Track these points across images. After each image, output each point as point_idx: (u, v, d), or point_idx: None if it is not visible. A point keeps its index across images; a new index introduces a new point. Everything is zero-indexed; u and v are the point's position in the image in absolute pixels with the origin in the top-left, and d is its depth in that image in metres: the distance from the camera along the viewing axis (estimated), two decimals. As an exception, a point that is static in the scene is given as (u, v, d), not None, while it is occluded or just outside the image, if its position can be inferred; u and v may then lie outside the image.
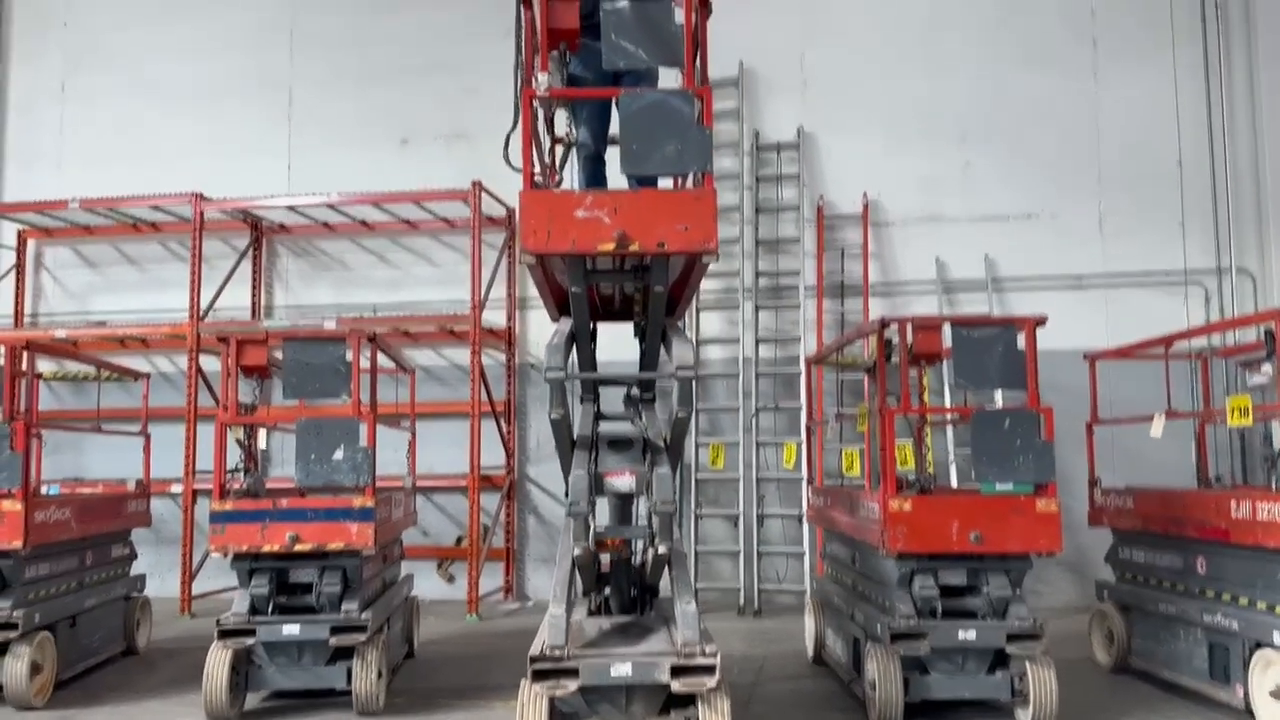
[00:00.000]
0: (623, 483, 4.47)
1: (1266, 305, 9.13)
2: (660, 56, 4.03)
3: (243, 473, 6.30)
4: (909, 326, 5.80)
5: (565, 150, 5.15)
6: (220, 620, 5.53)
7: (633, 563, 4.99)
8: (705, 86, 4.14)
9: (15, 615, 5.69)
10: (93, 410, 8.22)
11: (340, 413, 5.97)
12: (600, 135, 5.02)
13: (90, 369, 7.74)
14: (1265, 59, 9.43)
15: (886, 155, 9.72)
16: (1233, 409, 5.64)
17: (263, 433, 6.87)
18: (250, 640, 5.50)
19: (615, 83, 4.50)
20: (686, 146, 3.87)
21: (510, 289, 10.00)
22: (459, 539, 9.74)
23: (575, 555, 4.37)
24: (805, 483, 8.79)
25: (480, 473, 9.01)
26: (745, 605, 9.04)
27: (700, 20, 4.28)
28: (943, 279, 9.54)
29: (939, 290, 9.51)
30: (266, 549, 5.56)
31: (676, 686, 4.08)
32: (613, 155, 4.55)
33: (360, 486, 5.67)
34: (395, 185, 9.48)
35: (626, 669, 4.10)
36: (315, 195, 9.47)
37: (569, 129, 5.02)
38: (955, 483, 8.83)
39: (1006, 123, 9.66)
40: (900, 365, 5.79)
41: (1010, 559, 5.26)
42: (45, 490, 7.38)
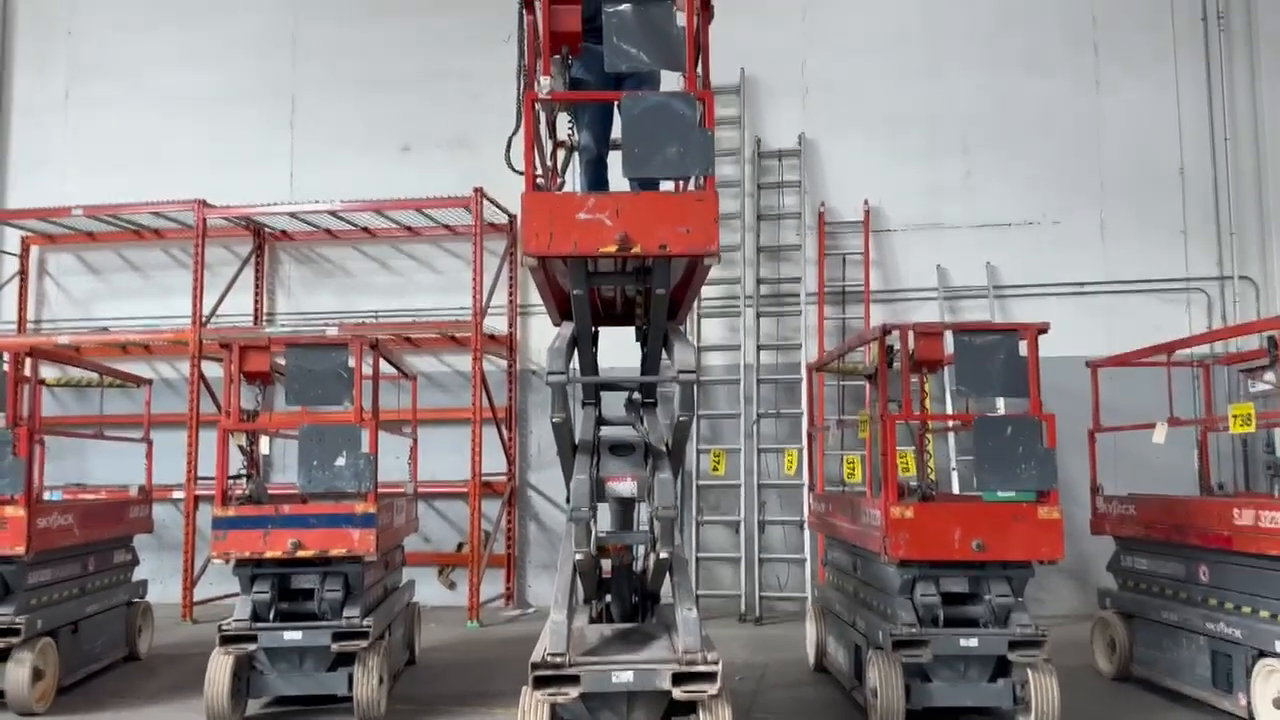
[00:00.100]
0: (624, 488, 4.47)
1: (1268, 313, 9.12)
2: (662, 60, 4.04)
3: (245, 479, 6.30)
4: (911, 333, 5.80)
5: (567, 154, 5.16)
6: (222, 626, 5.53)
7: (634, 569, 4.99)
8: (707, 89, 4.15)
9: (18, 621, 5.69)
10: (95, 416, 8.24)
11: (342, 419, 5.98)
12: (602, 138, 5.03)
13: (93, 375, 7.77)
14: (1267, 66, 9.44)
15: (888, 162, 9.73)
16: (1235, 416, 5.64)
17: (265, 439, 6.87)
18: (252, 646, 5.50)
19: (617, 86, 4.52)
20: (688, 149, 3.87)
21: (512, 295, 10.02)
22: (460, 545, 9.74)
23: (577, 560, 4.38)
24: (806, 489, 8.79)
25: (481, 479, 9.02)
26: (746, 612, 9.03)
27: (702, 23, 4.29)
28: (944, 286, 9.55)
29: (940, 297, 9.52)
30: (269, 555, 5.56)
31: (678, 694, 4.08)
32: (615, 159, 4.56)
33: (362, 493, 5.67)
34: (397, 192, 9.50)
35: (628, 676, 4.10)
36: (318, 202, 9.50)
37: (571, 132, 5.03)
38: (957, 490, 8.82)
39: (1008, 130, 9.67)
40: (902, 372, 5.78)
41: (1012, 566, 5.25)
42: (48, 496, 7.40)
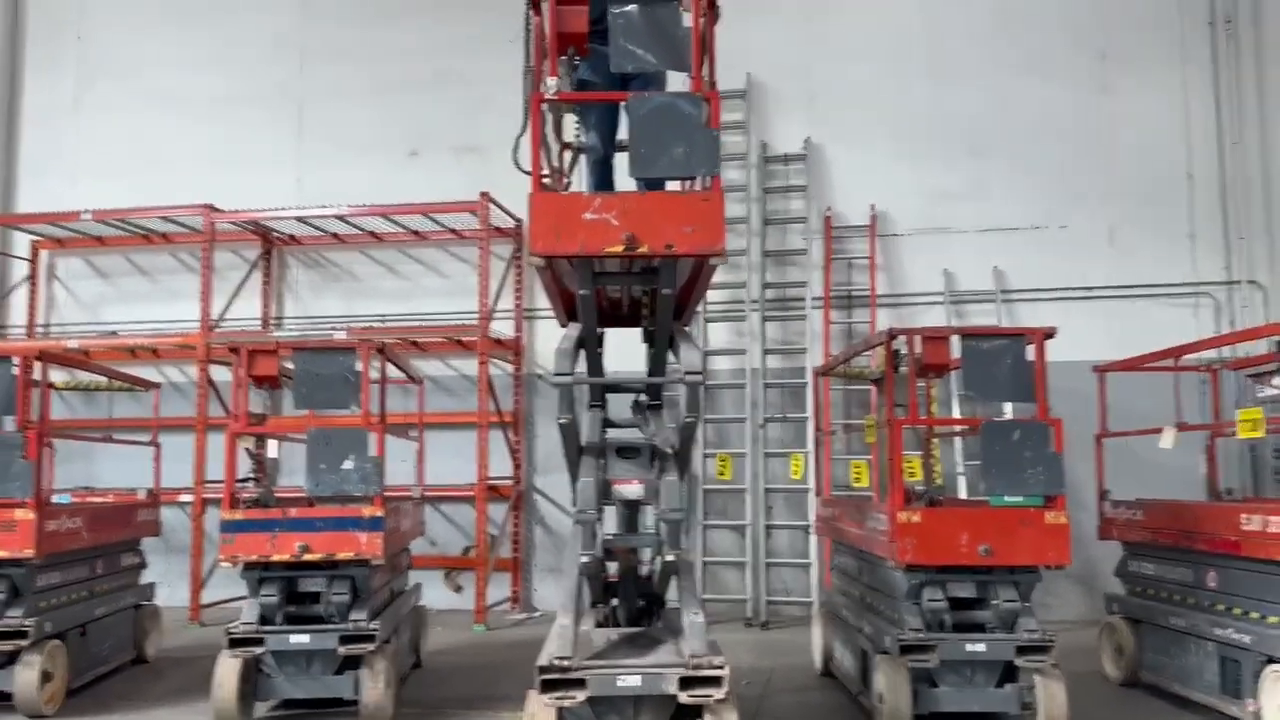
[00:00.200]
0: (631, 490, 4.47)
1: (1276, 317, 9.08)
2: (668, 60, 4.05)
3: (253, 482, 6.31)
4: (917, 338, 5.80)
5: (574, 155, 5.17)
6: (230, 629, 5.54)
7: (640, 572, 4.99)
8: (713, 90, 4.16)
9: (26, 624, 5.72)
10: (104, 420, 8.27)
11: (349, 423, 5.99)
12: (608, 139, 5.04)
13: (101, 379, 7.78)
14: (1274, 71, 9.41)
15: (894, 167, 9.73)
16: (1243, 421, 5.62)
17: (272, 442, 6.89)
18: (259, 649, 5.51)
19: (623, 87, 4.53)
20: (694, 149, 3.88)
21: (518, 300, 10.04)
22: (466, 549, 9.75)
23: (583, 563, 4.38)
24: (813, 494, 8.79)
25: (488, 483, 9.04)
26: (753, 617, 9.01)
27: (708, 24, 4.30)
28: (950, 290, 9.54)
29: (947, 301, 9.51)
30: (276, 558, 5.57)
31: (684, 698, 4.08)
32: (621, 159, 4.57)
33: (369, 496, 5.68)
34: (404, 197, 9.52)
35: (634, 680, 4.10)
36: (325, 207, 9.53)
37: (577, 134, 5.05)
38: (964, 495, 8.80)
39: (1014, 134, 9.66)
40: (908, 376, 5.78)
41: (1019, 571, 5.23)
42: (56, 499, 7.42)
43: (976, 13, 9.83)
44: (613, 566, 4.91)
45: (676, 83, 4.66)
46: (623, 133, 4.70)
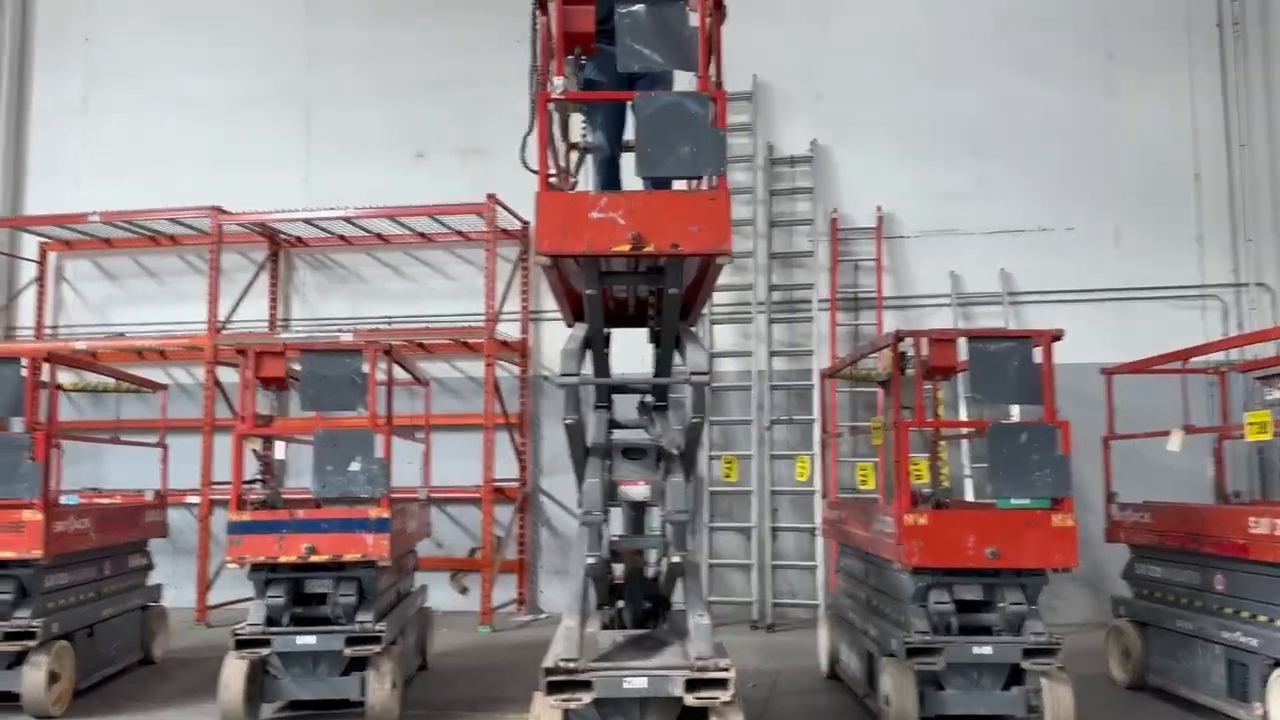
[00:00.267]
0: (637, 492, 4.46)
1: (1285, 320, 9.08)
2: (675, 60, 4.06)
3: (260, 484, 6.33)
4: (924, 340, 5.79)
5: (580, 155, 5.18)
6: (236, 630, 5.55)
7: (646, 574, 5.00)
8: (720, 90, 4.17)
9: (34, 624, 5.74)
10: (111, 421, 8.29)
11: (356, 424, 6.00)
12: (615, 138, 5.05)
13: (109, 380, 7.81)
14: (1282, 72, 9.41)
15: (901, 168, 9.72)
16: (1251, 424, 5.60)
17: (279, 444, 6.90)
18: (266, 651, 5.52)
19: (630, 86, 4.54)
20: (701, 149, 3.88)
21: (524, 301, 10.04)
22: (472, 551, 9.75)
23: (589, 565, 4.38)
24: (819, 496, 8.78)
25: (494, 484, 9.04)
26: (758, 619, 9.01)
27: (715, 24, 4.30)
28: (957, 292, 9.52)
29: (954, 303, 9.49)
30: (283, 560, 5.58)
31: (690, 700, 4.08)
32: (627, 159, 4.57)
33: (376, 498, 5.69)
34: (411, 199, 9.54)
35: (640, 682, 4.10)
36: (332, 209, 9.54)
37: (584, 133, 5.05)
38: (970, 497, 8.78)
39: (1021, 136, 9.64)
40: (915, 379, 5.78)
41: (1026, 574, 5.22)
42: (64, 500, 7.44)
43: (983, 14, 9.81)
44: (618, 568, 4.91)
45: (683, 83, 4.66)
46: (629, 132, 4.70)
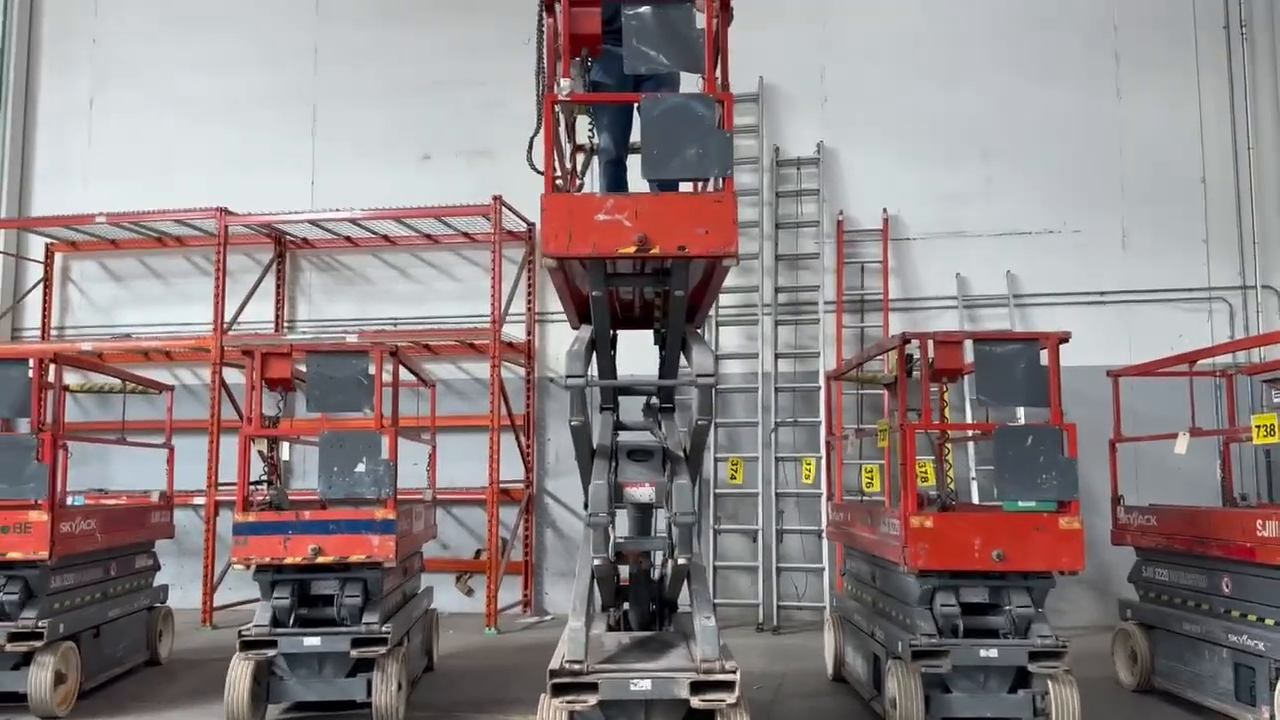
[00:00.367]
0: (642, 494, 4.46)
1: (1292, 322, 9.06)
2: (681, 62, 4.06)
3: (266, 485, 6.33)
4: (930, 342, 5.78)
5: (587, 156, 5.18)
6: (242, 632, 5.56)
7: (652, 576, 4.99)
8: (726, 91, 4.16)
9: (40, 625, 5.76)
10: (118, 422, 8.30)
11: (362, 426, 6.01)
12: (621, 140, 5.05)
13: (115, 381, 7.82)
14: (1290, 75, 9.39)
15: (907, 170, 9.71)
16: (1258, 427, 5.59)
17: (285, 445, 6.91)
18: (272, 652, 5.53)
19: (636, 88, 4.54)
20: (707, 150, 3.89)
21: (530, 303, 10.05)
22: (478, 552, 9.76)
23: (595, 566, 4.38)
24: (825, 498, 8.77)
25: (499, 486, 9.04)
26: (764, 621, 9.00)
27: (721, 25, 4.30)
28: (963, 294, 9.51)
29: (960, 306, 9.48)
30: (289, 561, 5.59)
31: (696, 703, 4.08)
32: (634, 161, 4.58)
33: (382, 499, 5.69)
34: (417, 200, 9.55)
35: (646, 685, 4.09)
36: (338, 210, 9.56)
37: (590, 135, 5.06)
38: (977, 500, 8.77)
39: (1028, 138, 9.63)
40: (921, 381, 5.77)
41: (1032, 577, 5.22)
42: (70, 501, 7.46)
43: (988, 16, 9.80)
44: (624, 570, 4.90)
45: (689, 85, 4.66)
46: (635, 134, 4.70)
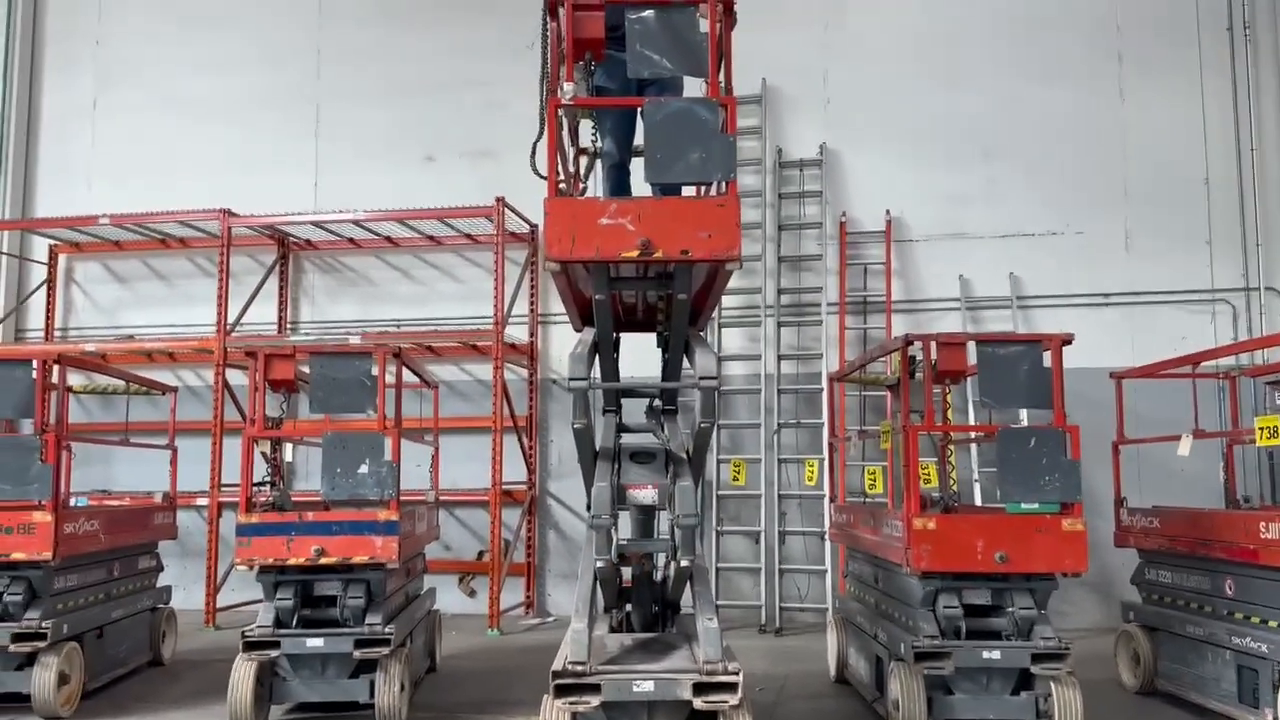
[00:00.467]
0: (645, 496, 4.46)
1: (1295, 324, 9.05)
2: (685, 66, 4.06)
3: (269, 486, 6.34)
4: (933, 343, 5.78)
5: (590, 160, 5.18)
6: (245, 632, 5.56)
7: (654, 578, 4.99)
8: (729, 95, 4.16)
9: (44, 625, 5.76)
10: (121, 423, 8.32)
11: (365, 427, 6.02)
12: (625, 144, 5.06)
13: (119, 382, 7.84)
14: (1293, 76, 9.38)
15: (910, 172, 9.72)
16: (1261, 429, 5.58)
17: (289, 446, 6.92)
18: (275, 653, 5.53)
19: (640, 92, 4.54)
20: (710, 154, 3.89)
21: (533, 305, 10.06)
22: (480, 554, 9.76)
23: (598, 568, 4.38)
24: (827, 500, 8.77)
25: (502, 488, 9.05)
26: (767, 623, 9.00)
27: (724, 30, 4.31)
28: (966, 296, 9.51)
29: (963, 307, 9.48)
30: (292, 562, 5.59)
31: (698, 704, 4.07)
32: (637, 165, 4.59)
33: (385, 500, 5.70)
34: (420, 202, 9.56)
35: (649, 686, 4.09)
36: (341, 212, 9.57)
37: (594, 140, 5.06)
38: (979, 502, 8.77)
39: (1030, 139, 9.63)
40: (924, 382, 5.77)
41: (1035, 579, 5.22)
42: (74, 502, 7.47)
43: (991, 17, 9.80)
44: (627, 572, 4.91)
45: (692, 88, 4.67)
46: (639, 138, 4.71)
